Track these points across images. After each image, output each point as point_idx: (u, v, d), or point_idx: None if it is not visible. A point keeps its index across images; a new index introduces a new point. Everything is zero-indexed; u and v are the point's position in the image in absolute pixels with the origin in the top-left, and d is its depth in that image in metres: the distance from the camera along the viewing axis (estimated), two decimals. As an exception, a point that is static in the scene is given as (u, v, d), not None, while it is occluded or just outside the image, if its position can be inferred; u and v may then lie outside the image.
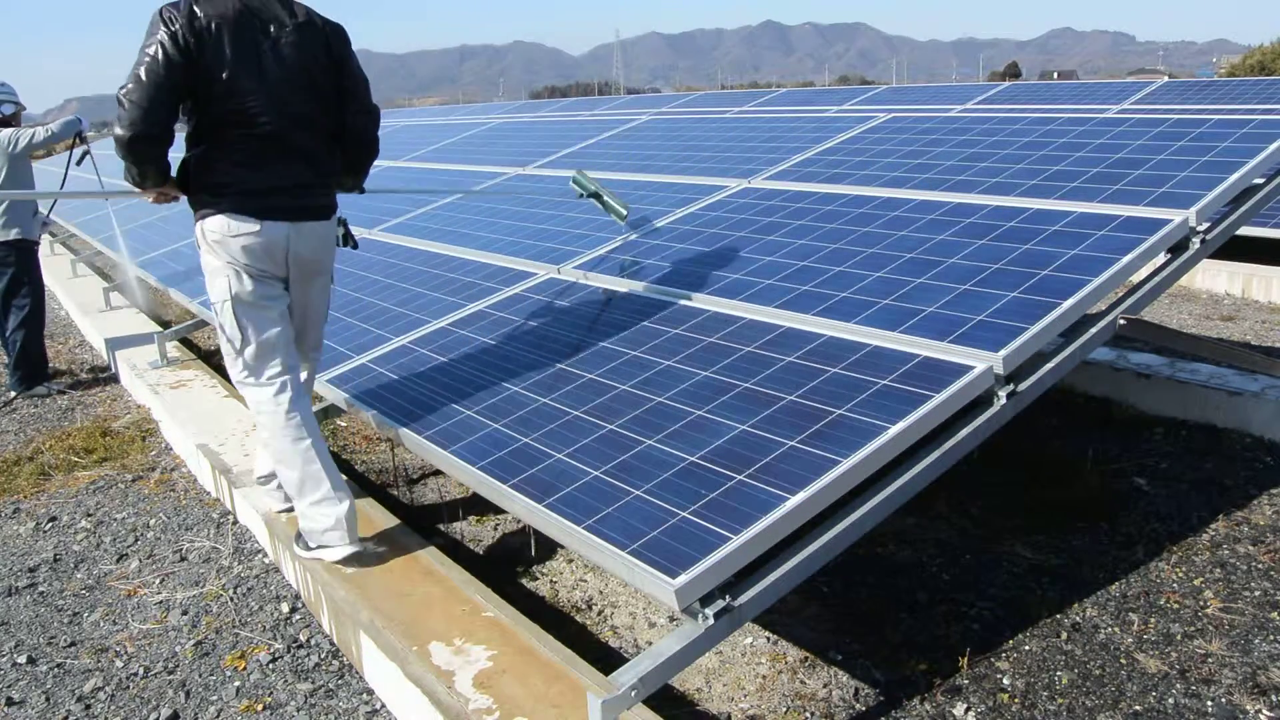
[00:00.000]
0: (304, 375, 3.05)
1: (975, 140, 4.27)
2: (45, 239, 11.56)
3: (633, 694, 1.98)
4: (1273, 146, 3.26)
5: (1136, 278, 3.04)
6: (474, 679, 2.31)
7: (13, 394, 5.56)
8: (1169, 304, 7.04)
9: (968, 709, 2.34)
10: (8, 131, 5.38)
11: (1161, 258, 3.05)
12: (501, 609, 2.61)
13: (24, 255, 5.50)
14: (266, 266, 2.79)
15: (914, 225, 3.50)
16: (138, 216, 8.24)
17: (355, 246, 3.19)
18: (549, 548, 3.29)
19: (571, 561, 3.22)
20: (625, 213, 4.25)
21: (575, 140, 6.60)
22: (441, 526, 3.50)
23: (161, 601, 3.09)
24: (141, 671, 2.70)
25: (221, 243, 2.73)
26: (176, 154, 2.70)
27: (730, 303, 3.27)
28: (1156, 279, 2.99)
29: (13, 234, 5.41)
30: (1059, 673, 2.46)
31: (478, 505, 3.66)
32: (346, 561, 2.88)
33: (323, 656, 2.73)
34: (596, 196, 4.28)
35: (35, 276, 5.60)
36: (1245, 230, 6.07)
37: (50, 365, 5.90)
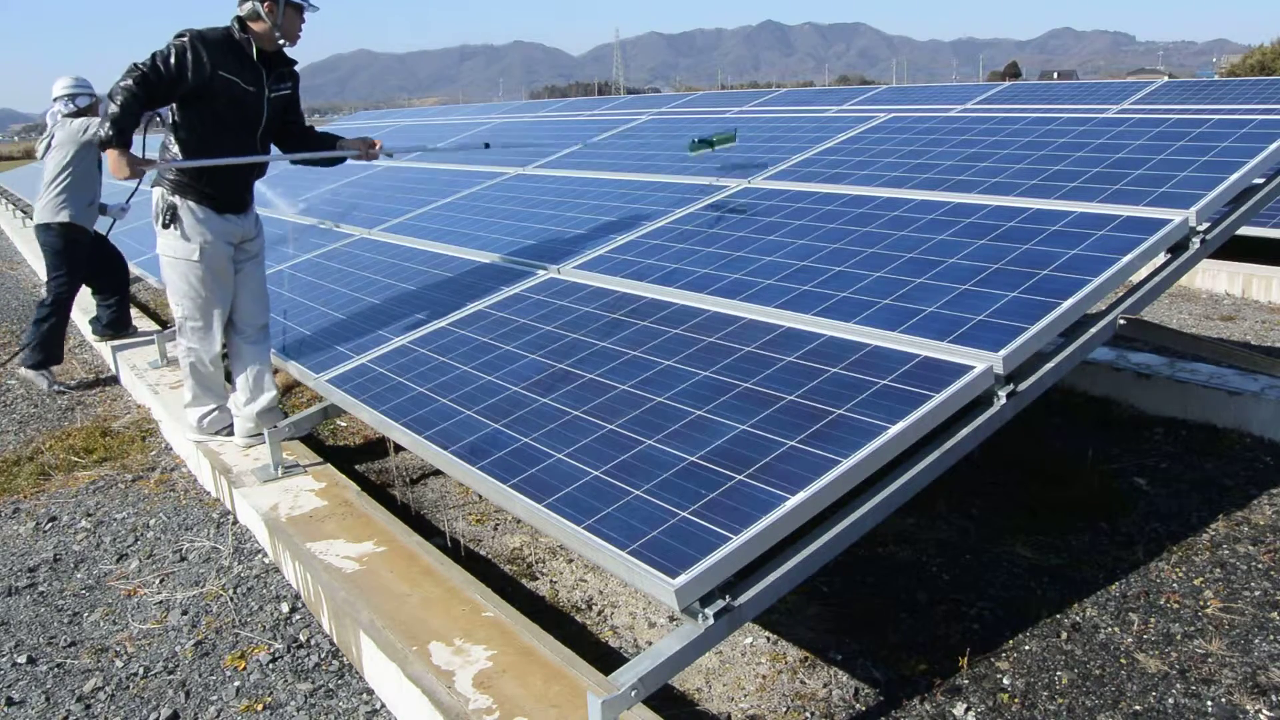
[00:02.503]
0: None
1: (975, 140, 4.27)
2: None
3: (633, 694, 1.98)
4: (1273, 146, 3.26)
5: (1136, 278, 3.04)
6: (474, 679, 2.31)
7: (14, 362, 5.69)
8: (1169, 304, 7.04)
9: (968, 709, 2.34)
10: (81, 120, 5.66)
11: (1161, 258, 3.05)
12: (501, 609, 2.61)
13: (70, 240, 5.63)
14: None
15: (914, 225, 3.50)
16: (142, 215, 8.25)
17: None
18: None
19: (571, 561, 3.22)
20: (733, 134, 4.92)
21: (575, 140, 6.60)
22: (442, 527, 3.50)
23: (161, 601, 3.09)
24: (141, 671, 2.70)
25: None
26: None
27: (730, 303, 3.27)
28: (1156, 279, 2.99)
29: (63, 215, 5.58)
30: (1059, 673, 2.46)
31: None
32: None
33: (323, 656, 2.73)
34: (708, 143, 4.82)
35: (76, 264, 5.70)
36: (1245, 230, 6.07)
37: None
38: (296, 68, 3.87)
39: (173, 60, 3.39)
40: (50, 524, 3.75)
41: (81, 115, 5.74)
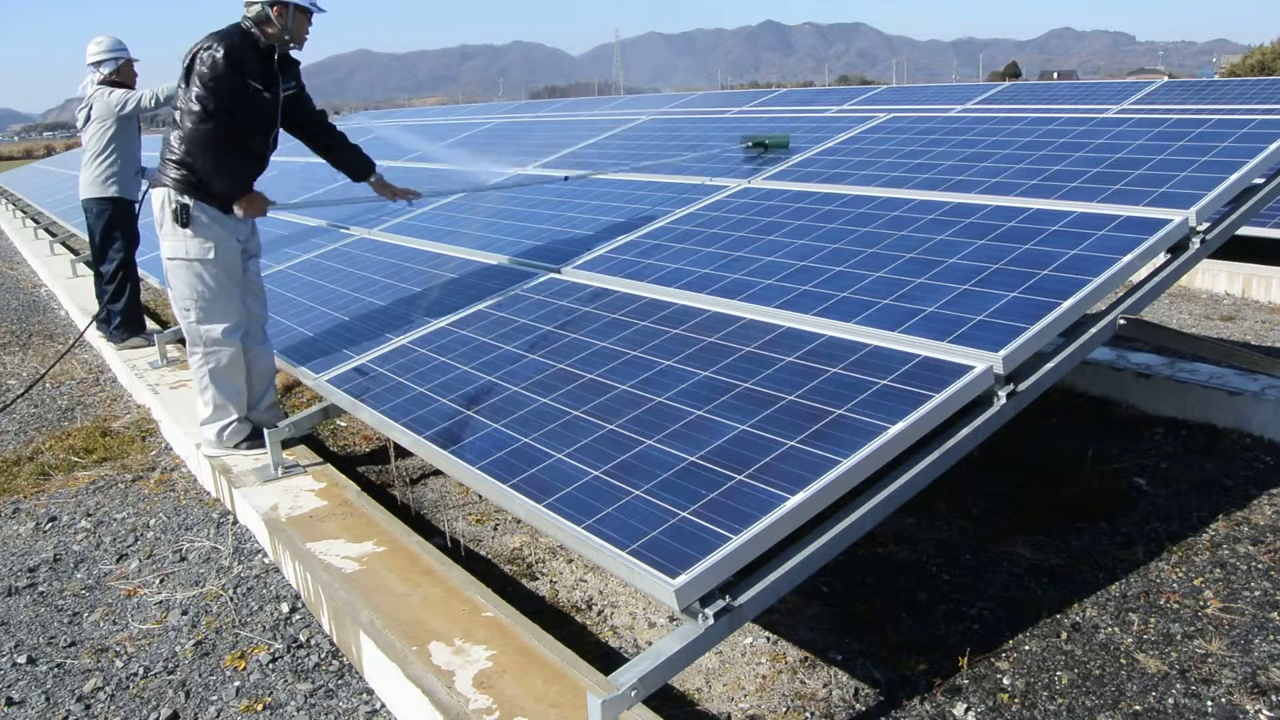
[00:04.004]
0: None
1: (975, 140, 4.27)
2: (46, 238, 11.58)
3: (633, 694, 1.98)
4: (1273, 146, 3.26)
5: (1136, 278, 3.04)
6: (474, 679, 2.31)
7: (113, 343, 5.96)
8: (1169, 304, 7.04)
9: (968, 709, 2.34)
10: (120, 92, 5.69)
11: (1161, 258, 3.05)
12: (501, 609, 2.61)
13: (121, 211, 5.82)
14: None
15: (914, 225, 3.50)
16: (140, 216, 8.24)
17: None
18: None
19: (571, 561, 3.22)
20: (785, 139, 5.02)
21: (575, 140, 6.61)
22: (442, 527, 3.50)
23: (161, 601, 3.09)
24: (141, 671, 2.70)
25: None
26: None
27: (730, 303, 3.27)
28: (1156, 279, 2.99)
29: (112, 190, 5.75)
30: (1059, 673, 2.46)
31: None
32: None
33: (323, 656, 2.73)
34: (761, 144, 5.00)
35: (130, 231, 5.90)
36: (1245, 230, 6.06)
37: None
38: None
39: (229, 76, 3.42)
40: (50, 524, 3.75)
41: (111, 81, 5.78)
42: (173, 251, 3.64)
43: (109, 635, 2.91)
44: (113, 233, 5.82)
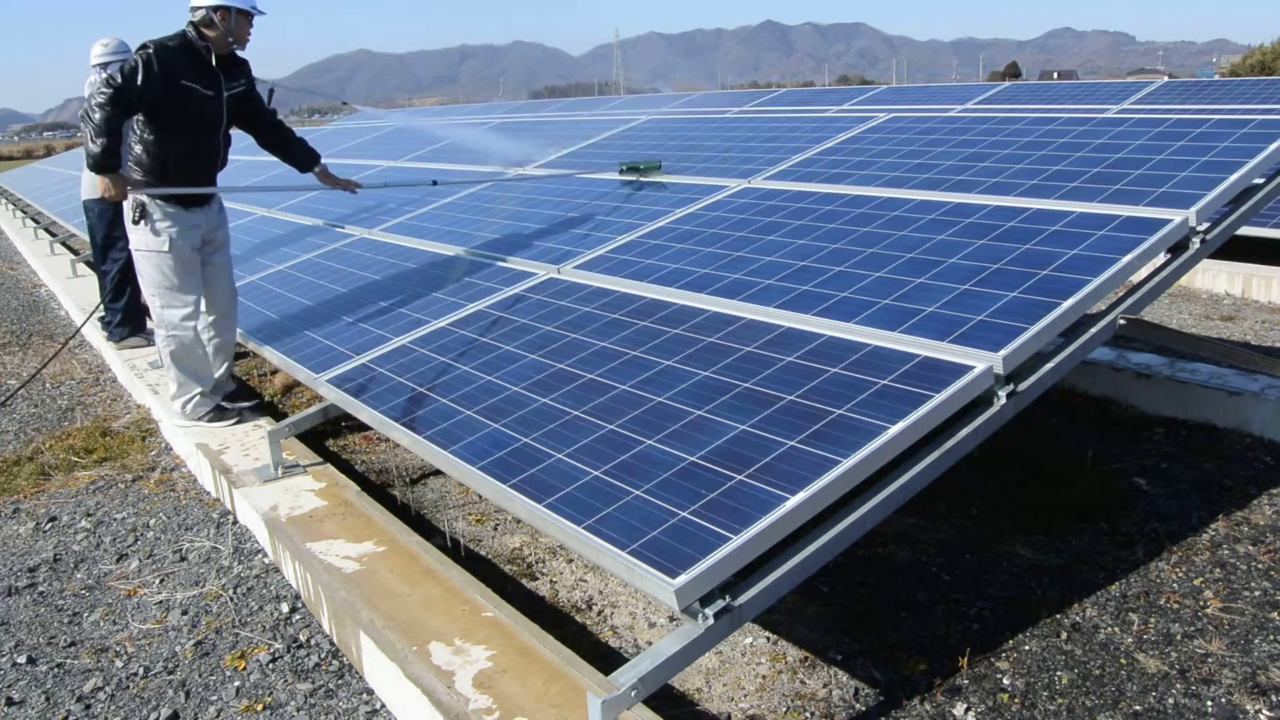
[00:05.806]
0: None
1: (975, 140, 4.27)
2: (46, 238, 11.58)
3: (633, 694, 1.98)
4: (1273, 146, 3.26)
5: (1136, 278, 3.04)
6: (474, 679, 2.31)
7: (113, 342, 5.98)
8: (1169, 304, 7.04)
9: (968, 709, 2.34)
10: None
11: (1161, 258, 3.05)
12: (501, 609, 2.61)
13: (121, 211, 5.80)
14: None
15: (914, 225, 3.50)
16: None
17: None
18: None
19: (571, 561, 3.22)
20: (658, 163, 5.14)
21: (575, 140, 6.60)
22: (442, 527, 3.50)
23: (161, 601, 3.09)
24: (141, 671, 2.70)
25: None
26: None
27: (730, 303, 3.27)
28: (1156, 279, 2.99)
29: None
30: (1059, 673, 2.46)
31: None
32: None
33: (323, 656, 2.73)
34: (635, 169, 5.09)
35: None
36: (1245, 230, 6.06)
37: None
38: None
39: (140, 74, 3.64)
40: (50, 524, 3.75)
41: None
42: (135, 244, 4.02)
43: (109, 635, 2.91)
44: (114, 232, 5.84)
